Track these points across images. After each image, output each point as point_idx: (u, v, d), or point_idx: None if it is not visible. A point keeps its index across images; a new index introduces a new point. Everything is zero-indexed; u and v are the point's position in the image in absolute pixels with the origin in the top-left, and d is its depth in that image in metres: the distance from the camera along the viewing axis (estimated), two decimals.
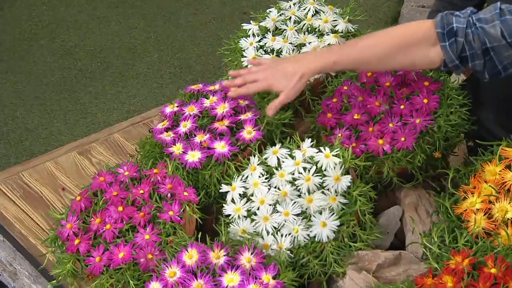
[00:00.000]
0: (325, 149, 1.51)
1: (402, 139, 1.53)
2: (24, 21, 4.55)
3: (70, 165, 1.87)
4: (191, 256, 1.39)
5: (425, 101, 1.56)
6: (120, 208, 1.47)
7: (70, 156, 1.89)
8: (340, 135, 1.60)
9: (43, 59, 4.24)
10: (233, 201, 1.53)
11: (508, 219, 1.34)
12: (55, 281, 1.49)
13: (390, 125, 1.56)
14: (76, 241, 1.46)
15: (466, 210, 1.40)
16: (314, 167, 1.49)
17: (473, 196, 1.42)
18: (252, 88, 1.55)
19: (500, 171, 1.41)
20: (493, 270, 1.24)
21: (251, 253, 1.39)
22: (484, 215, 1.37)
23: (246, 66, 1.81)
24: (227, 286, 1.35)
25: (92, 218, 1.49)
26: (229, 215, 1.51)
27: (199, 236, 1.44)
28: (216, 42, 4.19)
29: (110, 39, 4.37)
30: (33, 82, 4.04)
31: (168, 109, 1.69)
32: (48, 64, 4.20)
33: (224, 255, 1.39)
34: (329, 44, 1.78)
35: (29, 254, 1.67)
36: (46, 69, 4.15)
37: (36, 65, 4.19)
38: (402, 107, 1.58)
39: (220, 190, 1.55)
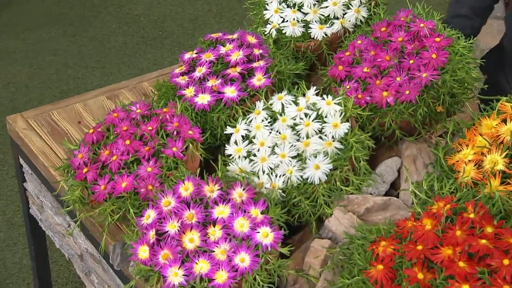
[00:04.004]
0: (327, 96, 1.55)
1: (407, 92, 1.54)
2: None
3: (97, 108, 1.96)
4: (186, 188, 1.45)
5: (434, 56, 1.56)
6: (128, 142, 1.55)
7: (99, 99, 1.99)
8: (348, 87, 1.62)
9: (109, 25, 4.40)
10: (236, 143, 1.58)
11: (497, 170, 1.35)
12: (65, 208, 1.58)
13: (398, 79, 1.58)
14: (85, 170, 1.55)
15: (458, 161, 1.41)
16: (315, 113, 1.53)
17: (467, 148, 1.42)
18: None
19: (496, 124, 1.41)
20: (471, 215, 1.25)
21: (243, 189, 1.44)
22: (475, 165, 1.38)
23: (268, 19, 1.85)
24: (217, 218, 1.41)
25: (102, 150, 1.57)
26: (230, 155, 1.57)
27: (198, 173, 1.50)
28: None
29: (174, 9, 4.49)
30: (97, 46, 4.21)
31: (187, 55, 1.76)
32: (112, 30, 4.35)
33: (218, 189, 1.45)
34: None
35: (51, 186, 1.76)
36: (110, 35, 4.31)
37: (101, 30, 4.35)
38: (411, 62, 1.59)
39: (225, 132, 1.60)
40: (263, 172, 1.50)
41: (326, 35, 1.79)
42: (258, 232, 1.38)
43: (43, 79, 3.94)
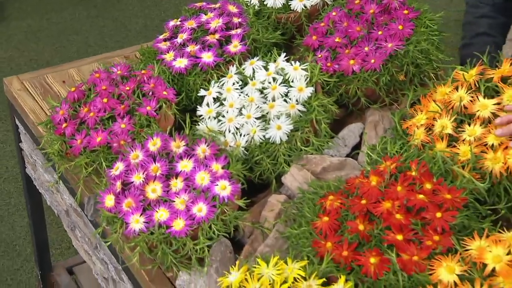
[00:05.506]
0: (295, 62, 1.62)
1: (372, 60, 1.60)
2: None
3: (89, 73, 2.05)
4: (154, 143, 1.53)
5: (400, 27, 1.62)
6: (105, 100, 1.64)
7: (93, 65, 2.09)
8: (320, 55, 1.69)
9: (131, 8, 4.52)
10: (207, 104, 1.66)
11: (445, 134, 1.40)
12: (47, 163, 1.68)
13: (366, 48, 1.64)
14: (64, 125, 1.64)
15: (411, 125, 1.47)
16: (282, 78, 1.60)
17: (421, 113, 1.48)
18: None
19: (449, 91, 1.47)
20: (413, 173, 1.31)
21: (207, 145, 1.52)
22: (425, 129, 1.44)
23: None
24: (180, 171, 1.49)
25: (82, 108, 1.67)
26: (201, 115, 1.65)
27: (170, 131, 1.59)
28: None
29: None
30: (118, 28, 4.33)
31: (172, 23, 1.85)
32: (134, 13, 4.47)
33: (184, 145, 1.53)
34: None
35: (39, 142, 1.86)
36: (131, 17, 4.43)
37: (124, 12, 4.47)
38: (379, 33, 1.65)
39: (198, 94, 1.68)
40: (229, 131, 1.57)
41: (305, 7, 1.85)
42: (217, 185, 1.46)
43: (64, 57, 4.08)
